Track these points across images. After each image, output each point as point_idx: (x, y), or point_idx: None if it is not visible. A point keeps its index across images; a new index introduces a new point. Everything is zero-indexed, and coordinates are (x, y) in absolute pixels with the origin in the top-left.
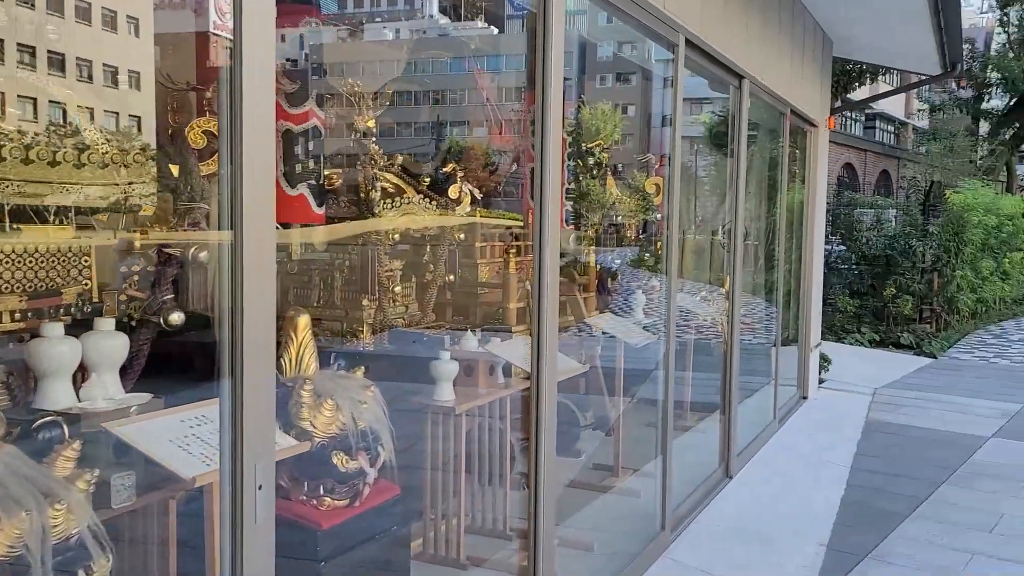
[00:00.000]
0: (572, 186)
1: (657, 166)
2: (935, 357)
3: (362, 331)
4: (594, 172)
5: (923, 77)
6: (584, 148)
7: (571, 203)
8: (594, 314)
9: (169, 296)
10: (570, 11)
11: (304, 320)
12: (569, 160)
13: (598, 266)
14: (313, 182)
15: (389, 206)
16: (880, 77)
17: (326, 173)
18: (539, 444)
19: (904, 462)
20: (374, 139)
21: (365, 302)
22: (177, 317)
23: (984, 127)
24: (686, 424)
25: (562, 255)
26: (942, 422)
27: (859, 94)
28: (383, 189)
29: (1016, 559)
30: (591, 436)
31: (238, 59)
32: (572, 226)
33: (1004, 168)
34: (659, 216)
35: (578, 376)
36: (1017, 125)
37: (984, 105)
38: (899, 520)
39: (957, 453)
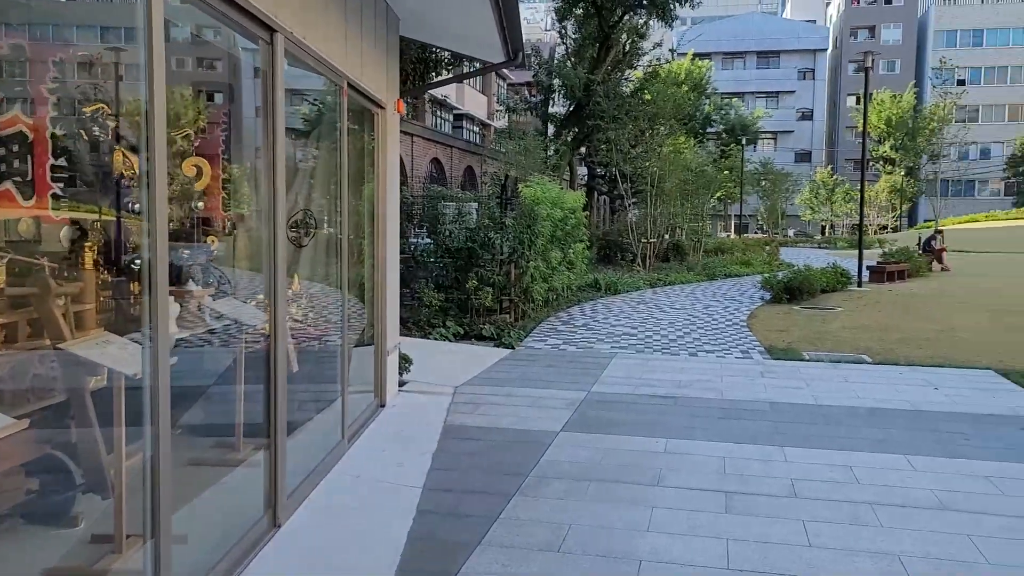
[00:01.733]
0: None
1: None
2: (513, 348)
3: None
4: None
5: (488, 64)
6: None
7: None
8: (92, 332)
9: None
10: None
11: None
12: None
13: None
14: None
15: None
16: (463, 67)
17: None
18: None
19: (479, 473)
20: None
21: None
22: None
23: (551, 129)
24: (239, 457)
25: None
26: (517, 419)
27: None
28: None
29: None
30: (92, 498)
31: None
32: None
33: (568, 167)
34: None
35: (13, 435)
36: (576, 129)
37: (550, 109)
38: (468, 552)
39: (529, 454)
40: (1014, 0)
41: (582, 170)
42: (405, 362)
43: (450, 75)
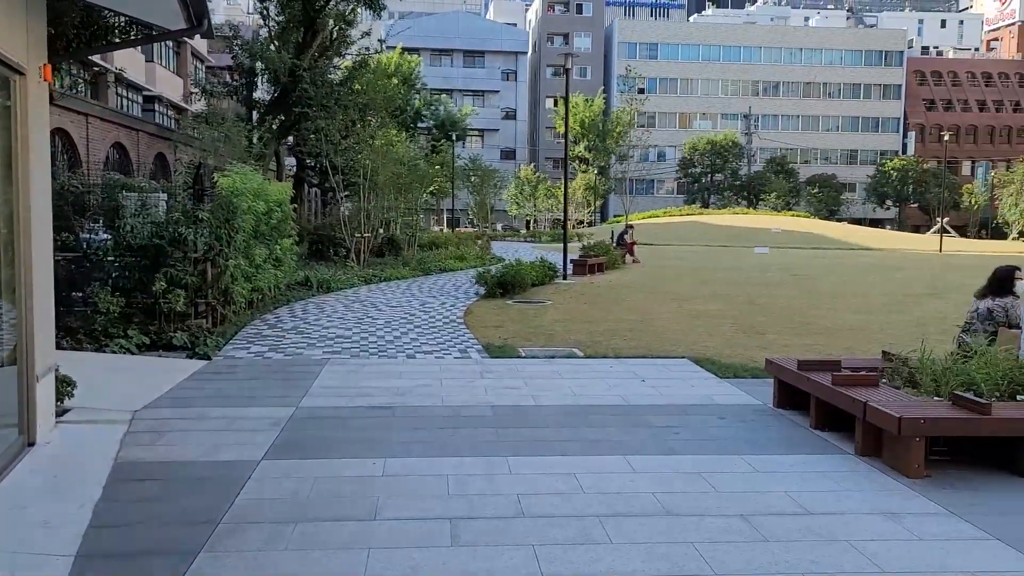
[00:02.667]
0: None
1: None
2: (210, 358)
3: None
4: None
5: (166, 30)
6: None
7: None
8: None
9: None
10: None
11: None
12: None
13: None
14: None
15: None
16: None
17: None
18: None
19: (155, 526)
20: None
21: None
22: None
23: (255, 115)
24: None
25: None
26: (210, 448)
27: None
28: None
29: None
30: None
31: None
32: None
33: (275, 156)
34: None
35: None
36: (283, 117)
37: (254, 95)
38: None
39: (223, 494)
40: (681, 20)
41: (291, 160)
42: (67, 385)
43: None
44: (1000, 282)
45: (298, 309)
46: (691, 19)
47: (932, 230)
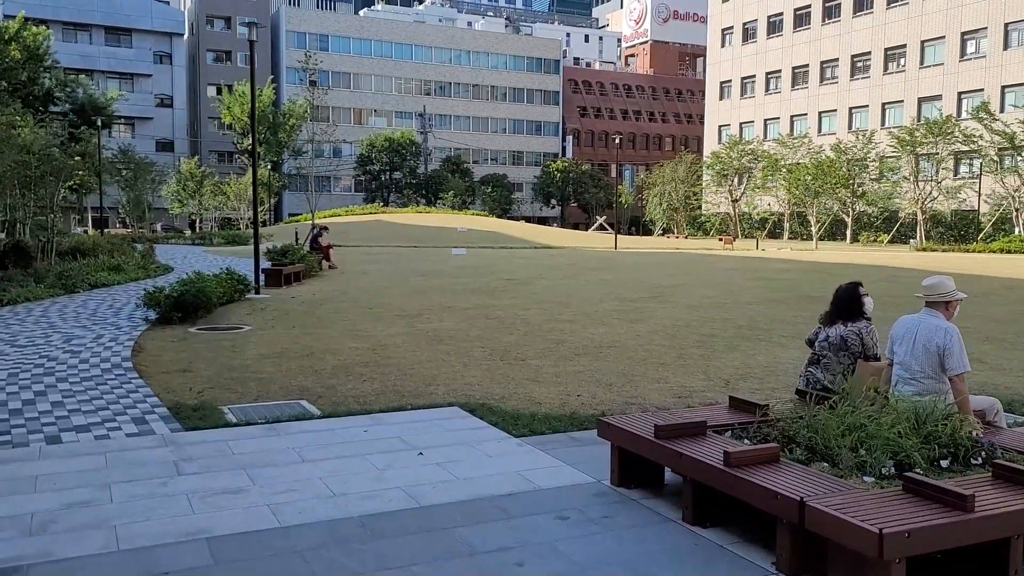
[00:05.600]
0: None
1: None
2: None
3: None
4: None
5: None
6: None
7: None
8: None
9: None
10: None
11: None
12: None
13: None
14: None
15: None
16: None
17: None
18: None
19: None
20: None
21: None
22: None
23: None
24: None
25: None
26: None
27: None
28: None
29: None
30: None
31: None
32: None
33: None
34: None
35: None
36: None
37: None
38: None
39: None
40: (349, 13)
41: None
42: None
43: None
44: (847, 303)
45: None
46: (361, 13)
47: (592, 227)
